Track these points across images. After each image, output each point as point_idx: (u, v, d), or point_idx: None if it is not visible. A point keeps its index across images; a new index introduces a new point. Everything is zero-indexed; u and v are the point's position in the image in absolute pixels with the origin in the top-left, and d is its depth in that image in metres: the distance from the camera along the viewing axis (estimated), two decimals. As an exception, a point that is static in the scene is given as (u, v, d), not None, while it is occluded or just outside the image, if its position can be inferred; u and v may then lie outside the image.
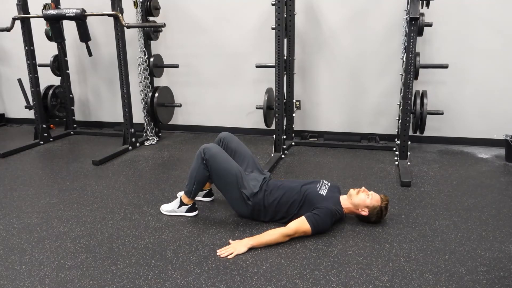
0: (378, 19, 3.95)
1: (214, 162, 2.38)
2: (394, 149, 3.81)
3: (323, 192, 2.39)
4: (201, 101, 4.65)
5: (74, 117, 4.81)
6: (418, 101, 3.44)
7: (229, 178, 2.38)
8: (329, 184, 2.49)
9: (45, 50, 4.49)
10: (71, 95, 4.72)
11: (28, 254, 2.15)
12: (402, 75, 3.56)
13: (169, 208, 2.60)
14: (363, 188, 2.40)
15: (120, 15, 3.78)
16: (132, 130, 4.07)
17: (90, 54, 3.95)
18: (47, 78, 4.60)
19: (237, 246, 2.15)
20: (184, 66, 4.44)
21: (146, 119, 4.28)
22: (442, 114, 3.59)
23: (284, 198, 2.37)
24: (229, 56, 4.43)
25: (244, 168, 2.54)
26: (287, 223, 2.35)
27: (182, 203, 2.56)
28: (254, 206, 2.40)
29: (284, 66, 3.63)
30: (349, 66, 4.14)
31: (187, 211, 2.56)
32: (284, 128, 3.81)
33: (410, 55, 3.24)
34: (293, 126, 4.17)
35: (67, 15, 3.75)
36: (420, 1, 3.23)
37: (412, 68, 3.27)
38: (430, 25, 3.44)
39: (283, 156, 3.73)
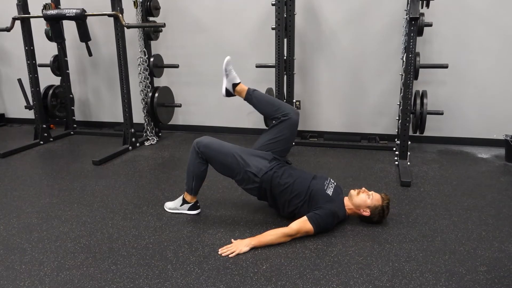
0: (378, 19, 3.95)
1: (210, 150, 2.39)
2: (394, 149, 3.81)
3: (330, 191, 2.36)
4: (201, 101, 4.65)
5: (74, 117, 4.81)
6: (418, 101, 3.44)
7: (230, 161, 2.37)
8: (335, 183, 2.47)
9: (45, 50, 4.50)
10: (71, 95, 4.72)
11: (28, 254, 2.16)
12: (402, 75, 3.56)
13: (172, 206, 2.62)
14: (363, 188, 2.40)
15: (120, 15, 3.78)
16: (132, 130, 4.07)
17: (90, 54, 3.95)
18: (47, 78, 4.59)
19: (239, 245, 2.15)
20: (184, 66, 4.44)
21: (146, 119, 4.28)
22: (442, 114, 3.59)
23: (292, 187, 2.34)
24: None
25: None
26: (288, 215, 2.35)
27: (184, 201, 2.56)
28: (261, 184, 2.37)
29: (284, 66, 3.63)
30: (349, 66, 4.14)
31: (190, 209, 2.56)
32: (284, 128, 3.80)
33: (410, 55, 3.24)
34: (293, 126, 4.17)
35: (67, 15, 3.75)
36: (420, 1, 3.23)
37: (412, 68, 3.27)
38: (430, 25, 3.44)
39: (283, 156, 3.72)
